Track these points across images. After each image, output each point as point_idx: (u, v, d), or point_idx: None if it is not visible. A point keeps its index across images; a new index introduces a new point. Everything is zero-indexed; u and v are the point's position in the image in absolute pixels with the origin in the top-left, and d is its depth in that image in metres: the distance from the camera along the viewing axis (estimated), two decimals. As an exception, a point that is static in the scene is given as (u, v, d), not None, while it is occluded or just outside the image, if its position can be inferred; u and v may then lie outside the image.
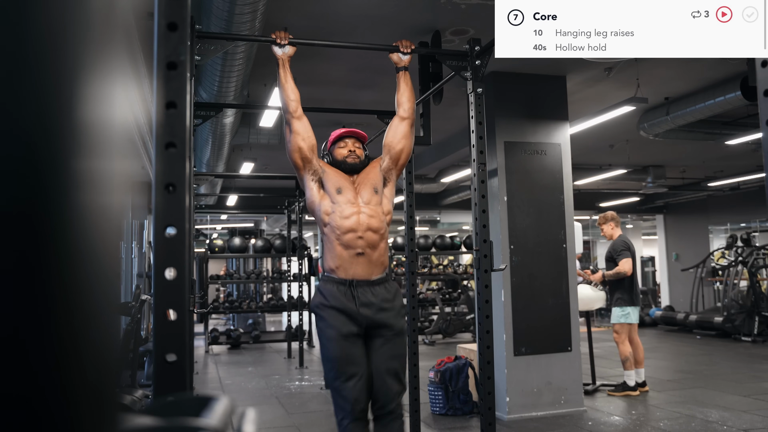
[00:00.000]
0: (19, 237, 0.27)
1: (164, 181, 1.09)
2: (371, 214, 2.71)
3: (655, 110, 6.29)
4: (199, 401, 0.49)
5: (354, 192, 2.76)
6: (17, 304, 0.27)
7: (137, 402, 3.95)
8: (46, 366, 0.27)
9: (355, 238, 2.65)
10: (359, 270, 2.65)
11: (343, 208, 2.69)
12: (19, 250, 0.27)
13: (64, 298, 0.28)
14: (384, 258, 2.74)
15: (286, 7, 3.82)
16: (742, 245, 10.42)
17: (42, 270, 0.27)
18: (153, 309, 1.13)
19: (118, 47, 0.33)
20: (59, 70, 0.28)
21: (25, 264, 0.27)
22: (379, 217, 2.74)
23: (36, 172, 0.27)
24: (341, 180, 2.77)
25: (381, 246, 2.72)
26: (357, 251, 2.65)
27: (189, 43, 1.26)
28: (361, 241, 2.65)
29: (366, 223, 2.68)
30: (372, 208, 2.73)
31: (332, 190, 2.73)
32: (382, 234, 2.73)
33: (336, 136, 2.94)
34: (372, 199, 2.75)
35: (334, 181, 2.75)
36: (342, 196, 2.72)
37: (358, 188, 2.78)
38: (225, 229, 14.89)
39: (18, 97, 0.27)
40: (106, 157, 0.32)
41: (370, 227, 2.68)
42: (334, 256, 2.67)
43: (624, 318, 5.46)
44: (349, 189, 2.75)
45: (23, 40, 0.27)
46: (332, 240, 2.68)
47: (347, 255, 2.65)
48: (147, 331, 7.13)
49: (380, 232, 2.72)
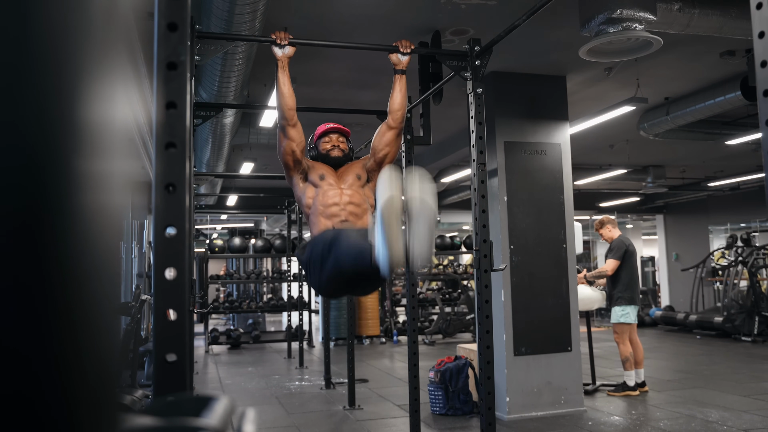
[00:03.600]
0: (20, 238, 0.27)
1: (164, 181, 1.09)
2: (352, 193, 2.78)
3: (655, 110, 6.29)
4: (199, 401, 0.49)
5: (336, 178, 2.85)
6: (18, 304, 0.27)
7: (137, 402, 3.94)
8: (46, 366, 0.27)
9: (338, 210, 2.72)
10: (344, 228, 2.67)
11: (325, 190, 2.77)
12: (19, 250, 0.27)
13: (65, 299, 0.28)
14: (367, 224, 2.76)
15: (286, 8, 3.82)
16: (742, 245, 10.42)
17: (42, 271, 0.27)
18: (153, 309, 1.13)
19: (118, 48, 0.33)
20: (60, 72, 0.28)
21: (26, 266, 0.27)
22: (361, 195, 2.81)
23: (36, 174, 0.27)
24: (324, 169, 2.87)
25: (365, 218, 2.77)
26: (341, 219, 2.71)
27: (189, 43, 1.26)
28: (344, 212, 2.72)
29: (348, 199, 2.75)
30: (354, 189, 2.81)
31: (315, 178, 2.82)
32: (364, 208, 2.79)
33: (321, 131, 3.03)
34: (354, 183, 2.84)
35: (317, 171, 2.84)
36: (324, 181, 2.81)
37: (341, 176, 2.87)
38: (225, 229, 14.89)
39: (18, 98, 0.27)
40: (106, 158, 0.32)
41: (351, 201, 2.75)
42: (318, 228, 2.72)
43: (624, 318, 5.46)
44: (331, 175, 2.84)
45: (24, 42, 0.27)
46: (316, 215, 2.74)
47: (331, 223, 2.70)
48: (147, 331, 7.12)
49: (362, 206, 2.78)
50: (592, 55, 3.76)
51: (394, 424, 4.69)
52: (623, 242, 5.61)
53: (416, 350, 3.66)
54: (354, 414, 4.99)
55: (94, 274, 0.30)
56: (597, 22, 3.43)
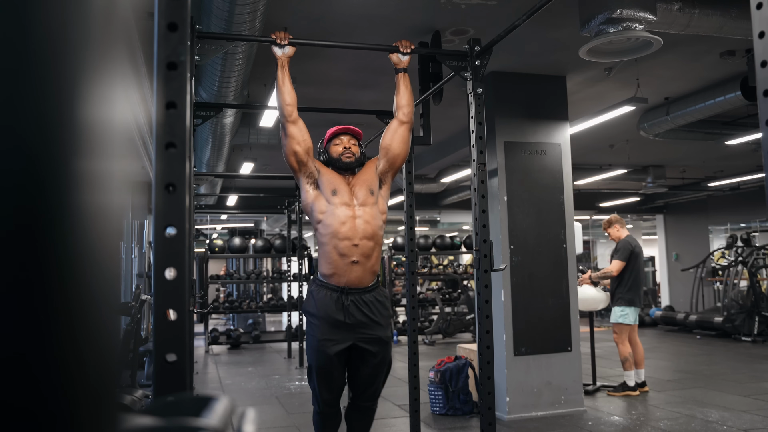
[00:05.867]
0: (20, 239, 0.27)
1: (164, 181, 1.09)
2: (367, 220, 2.74)
3: (655, 110, 6.29)
4: (199, 401, 0.49)
5: (349, 193, 2.79)
6: (17, 305, 0.27)
7: (137, 402, 3.94)
8: (46, 367, 0.27)
9: (351, 246, 2.70)
10: (353, 277, 2.71)
11: (338, 210, 2.72)
12: (19, 251, 0.27)
13: (65, 300, 0.28)
14: (377, 266, 2.82)
15: (286, 8, 3.82)
16: (742, 245, 10.42)
17: (42, 272, 0.27)
18: (153, 309, 1.13)
19: (118, 48, 0.33)
20: (59, 72, 0.28)
21: (26, 267, 0.27)
22: (375, 221, 2.78)
23: (36, 175, 0.27)
24: (336, 181, 2.80)
25: (375, 254, 2.78)
26: (352, 259, 2.70)
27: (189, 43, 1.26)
28: (357, 250, 2.70)
29: (362, 230, 2.72)
30: (367, 211, 2.76)
31: (327, 191, 2.76)
32: (377, 241, 2.78)
33: (331, 133, 2.97)
34: (368, 200, 2.79)
35: (329, 182, 2.78)
36: (337, 197, 2.75)
37: (354, 189, 2.81)
38: (225, 229, 14.89)
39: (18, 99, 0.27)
40: (106, 158, 0.32)
41: (365, 235, 2.72)
42: (329, 263, 2.72)
43: (623, 318, 5.45)
44: (344, 190, 2.78)
45: (23, 42, 0.27)
46: (328, 246, 2.72)
47: (342, 263, 2.70)
48: (147, 331, 7.12)
49: (375, 239, 2.76)
50: (592, 55, 3.76)
51: (394, 424, 4.69)
52: (629, 243, 5.58)
53: (416, 350, 3.66)
54: (354, 414, 4.99)
55: (94, 275, 0.30)
56: (597, 22, 3.43)
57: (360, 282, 2.72)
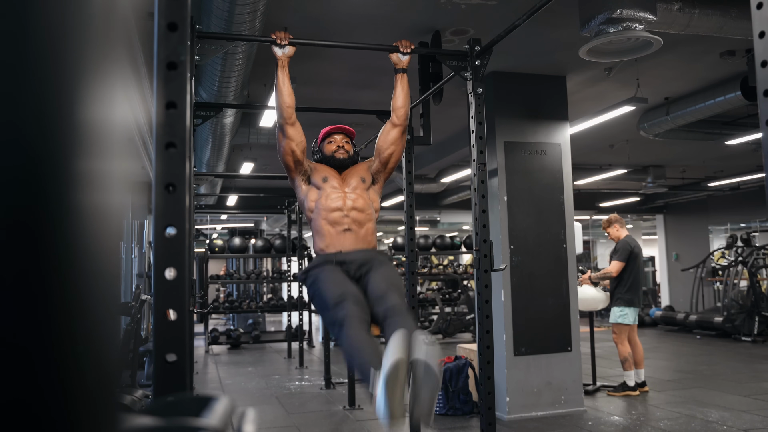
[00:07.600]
0: (20, 238, 0.27)
1: (164, 181, 1.09)
2: (356, 197, 2.75)
3: (655, 110, 6.29)
4: (199, 401, 0.49)
5: (340, 181, 2.81)
6: (17, 304, 0.27)
7: (137, 402, 3.94)
8: (46, 366, 0.27)
9: (341, 216, 2.69)
10: (346, 243, 2.67)
11: (328, 193, 2.74)
12: (19, 250, 0.27)
13: (65, 299, 0.28)
14: (371, 237, 2.76)
15: (286, 7, 3.81)
16: (742, 245, 10.42)
17: (42, 271, 0.27)
18: (153, 309, 1.13)
19: (118, 48, 0.33)
20: (59, 71, 0.28)
21: (26, 266, 0.27)
22: (365, 199, 2.77)
23: (36, 174, 0.27)
24: (329, 172, 2.83)
25: (368, 225, 2.74)
26: (344, 227, 2.68)
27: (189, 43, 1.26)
28: (347, 219, 2.69)
29: (351, 204, 2.72)
30: (357, 193, 2.77)
31: (318, 180, 2.79)
32: (368, 214, 2.76)
33: (325, 132, 3.00)
34: (358, 186, 2.80)
35: (321, 174, 2.81)
36: (327, 183, 2.77)
37: (345, 179, 2.83)
38: (225, 229, 14.89)
39: (18, 100, 0.27)
40: (106, 158, 0.32)
41: (355, 207, 2.72)
42: (321, 236, 2.70)
43: (622, 318, 5.45)
44: (335, 178, 2.81)
45: (23, 41, 0.27)
46: (319, 221, 2.71)
47: (334, 231, 2.68)
48: (147, 331, 7.12)
49: (366, 211, 2.75)
50: (592, 55, 3.76)
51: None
52: (629, 243, 5.57)
53: (416, 350, 3.65)
54: (354, 414, 4.99)
55: (94, 274, 0.30)
56: (597, 22, 3.43)
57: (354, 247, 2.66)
